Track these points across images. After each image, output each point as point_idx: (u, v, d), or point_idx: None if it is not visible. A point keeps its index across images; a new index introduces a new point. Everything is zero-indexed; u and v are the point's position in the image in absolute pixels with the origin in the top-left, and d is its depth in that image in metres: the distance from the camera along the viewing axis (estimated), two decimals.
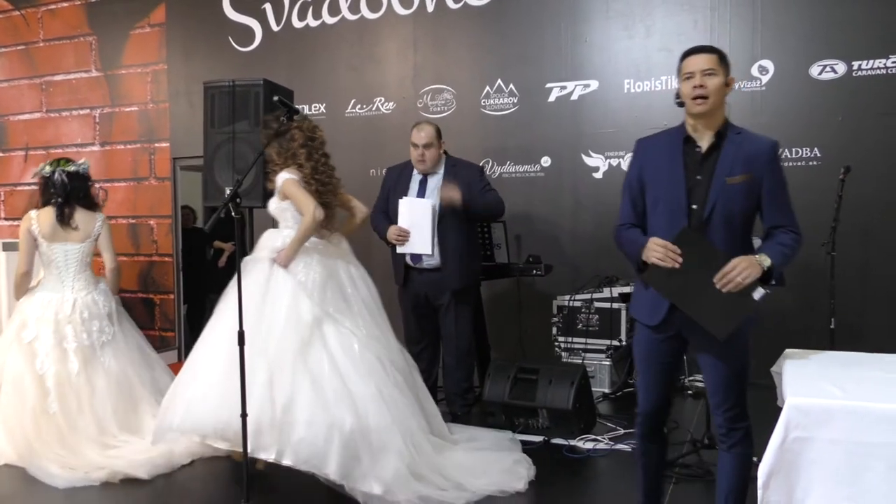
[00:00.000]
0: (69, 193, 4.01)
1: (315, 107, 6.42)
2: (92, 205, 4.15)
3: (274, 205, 3.48)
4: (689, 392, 4.79)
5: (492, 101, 5.88)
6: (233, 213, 2.71)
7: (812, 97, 5.01)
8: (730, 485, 2.38)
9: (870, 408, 1.77)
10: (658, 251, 2.25)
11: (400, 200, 4.00)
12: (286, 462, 2.92)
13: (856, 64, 4.89)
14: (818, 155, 4.98)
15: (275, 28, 6.50)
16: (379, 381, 3.13)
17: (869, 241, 4.82)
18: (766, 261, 2.20)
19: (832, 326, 3.59)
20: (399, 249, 4.06)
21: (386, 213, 4.24)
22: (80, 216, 4.05)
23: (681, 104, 2.34)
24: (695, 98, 2.27)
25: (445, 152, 4.24)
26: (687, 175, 2.31)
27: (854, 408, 1.78)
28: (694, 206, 2.30)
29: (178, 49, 6.84)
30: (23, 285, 4.03)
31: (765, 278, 2.21)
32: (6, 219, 7.77)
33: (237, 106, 4.41)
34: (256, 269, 3.30)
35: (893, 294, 4.75)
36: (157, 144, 6.97)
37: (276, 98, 3.12)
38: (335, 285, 3.35)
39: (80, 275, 4.06)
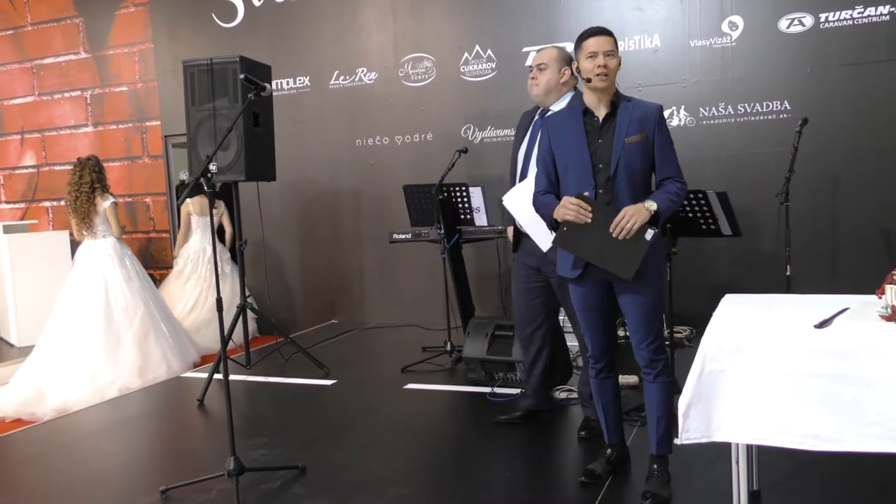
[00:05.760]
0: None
1: (300, 80, 6.54)
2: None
3: None
4: None
5: (471, 68, 5.98)
6: (205, 188, 2.86)
7: (781, 51, 5.09)
8: (659, 410, 2.65)
9: (775, 340, 1.93)
10: (571, 209, 2.53)
11: (504, 200, 3.26)
12: None
13: (823, 16, 4.96)
14: (788, 108, 5.08)
15: (256, 3, 6.59)
16: None
17: (837, 189, 4.94)
18: (653, 205, 2.51)
19: (788, 273, 3.76)
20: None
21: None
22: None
23: (588, 80, 2.59)
24: (598, 75, 2.57)
25: (575, 87, 3.32)
26: (589, 141, 2.62)
27: (760, 341, 1.94)
28: (600, 167, 2.59)
29: (163, 28, 6.96)
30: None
31: (654, 221, 2.51)
32: (7, 202, 7.97)
33: (216, 83, 4.55)
34: None
35: (861, 241, 4.90)
36: (148, 123, 7.14)
37: (242, 76, 3.26)
38: None
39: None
